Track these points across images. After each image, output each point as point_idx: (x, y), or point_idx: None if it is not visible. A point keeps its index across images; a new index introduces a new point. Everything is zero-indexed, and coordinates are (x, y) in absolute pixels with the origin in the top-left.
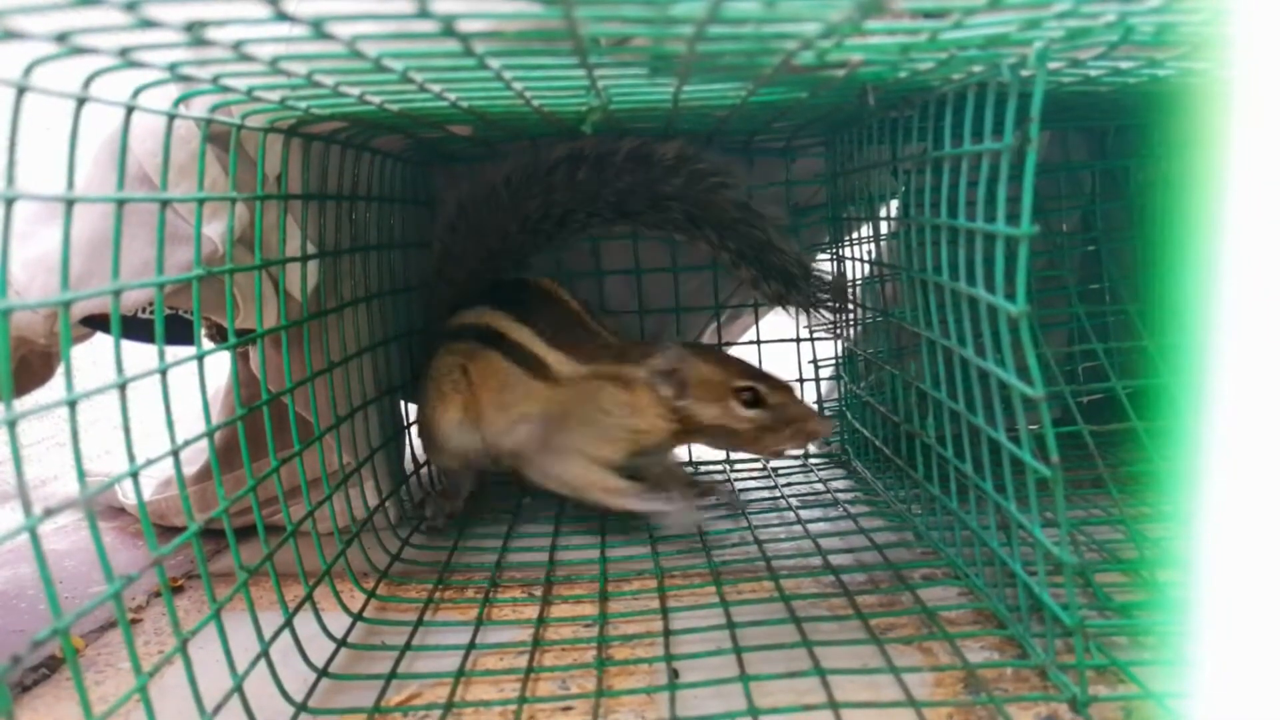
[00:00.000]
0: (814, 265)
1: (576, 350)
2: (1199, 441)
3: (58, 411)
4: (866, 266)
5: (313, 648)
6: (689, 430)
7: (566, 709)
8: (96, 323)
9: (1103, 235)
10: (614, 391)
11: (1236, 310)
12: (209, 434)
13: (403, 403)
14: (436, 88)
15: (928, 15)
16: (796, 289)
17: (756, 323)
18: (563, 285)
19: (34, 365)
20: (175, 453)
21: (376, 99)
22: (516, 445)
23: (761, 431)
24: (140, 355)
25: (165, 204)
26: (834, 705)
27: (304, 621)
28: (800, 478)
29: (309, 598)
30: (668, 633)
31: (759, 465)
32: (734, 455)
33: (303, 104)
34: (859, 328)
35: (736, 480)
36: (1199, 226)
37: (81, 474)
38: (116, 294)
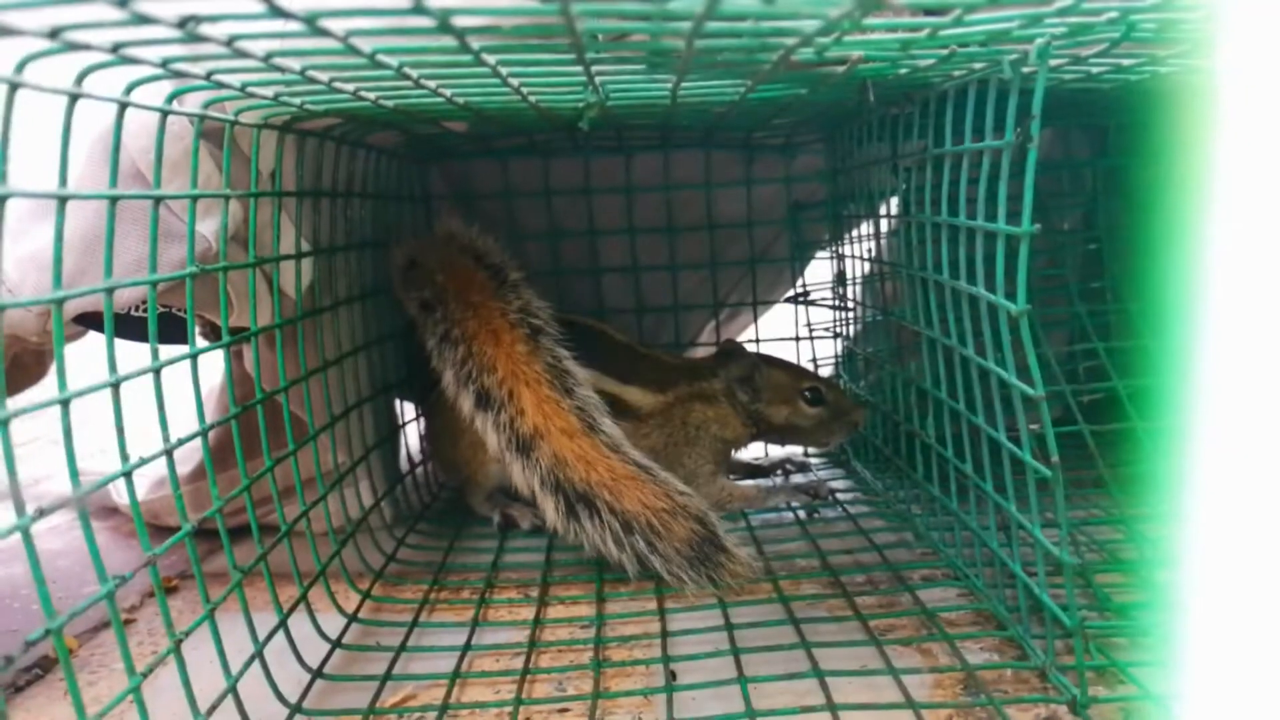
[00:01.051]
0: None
1: (649, 381)
2: (1194, 440)
3: (50, 410)
4: (866, 264)
5: (307, 648)
6: (760, 431)
7: (563, 710)
8: (90, 321)
9: (1104, 233)
10: (701, 409)
11: (1232, 308)
12: (203, 433)
13: (398, 401)
14: (432, 84)
15: (928, 11)
16: None
17: (755, 321)
18: (605, 320)
19: (27, 364)
20: (169, 452)
21: (371, 95)
22: None
23: (819, 425)
24: (133, 354)
25: (158, 201)
26: (833, 707)
27: (298, 622)
28: (799, 478)
29: (303, 598)
30: (665, 634)
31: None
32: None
33: (297, 100)
34: (859, 326)
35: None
36: (1197, 224)
37: (74, 473)
38: (109, 292)
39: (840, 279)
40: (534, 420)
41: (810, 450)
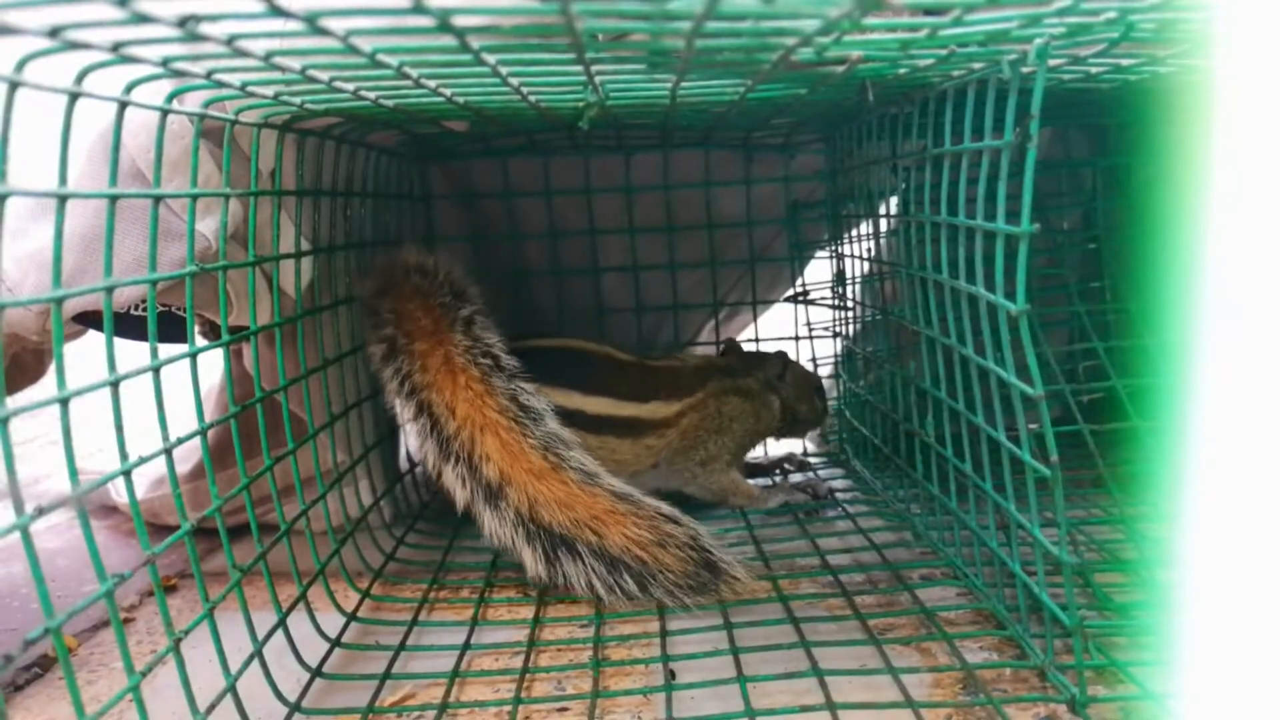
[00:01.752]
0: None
1: (669, 392)
2: (1193, 439)
3: (50, 409)
4: (866, 264)
5: (307, 647)
6: (782, 427)
7: (562, 710)
8: (89, 320)
9: (1103, 233)
10: (739, 402)
11: (1230, 306)
12: (202, 432)
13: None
14: (432, 83)
15: (928, 11)
16: None
17: (755, 320)
18: (590, 339)
19: (26, 363)
20: (168, 451)
21: (371, 94)
22: (658, 486)
23: (814, 419)
24: (133, 353)
25: (158, 200)
26: (832, 706)
27: (298, 621)
28: (798, 477)
29: (303, 597)
30: (664, 633)
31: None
32: None
33: (296, 99)
34: (858, 326)
35: None
36: (1196, 223)
37: (74, 472)
38: (109, 291)
39: (840, 278)
40: (500, 465)
41: (809, 449)
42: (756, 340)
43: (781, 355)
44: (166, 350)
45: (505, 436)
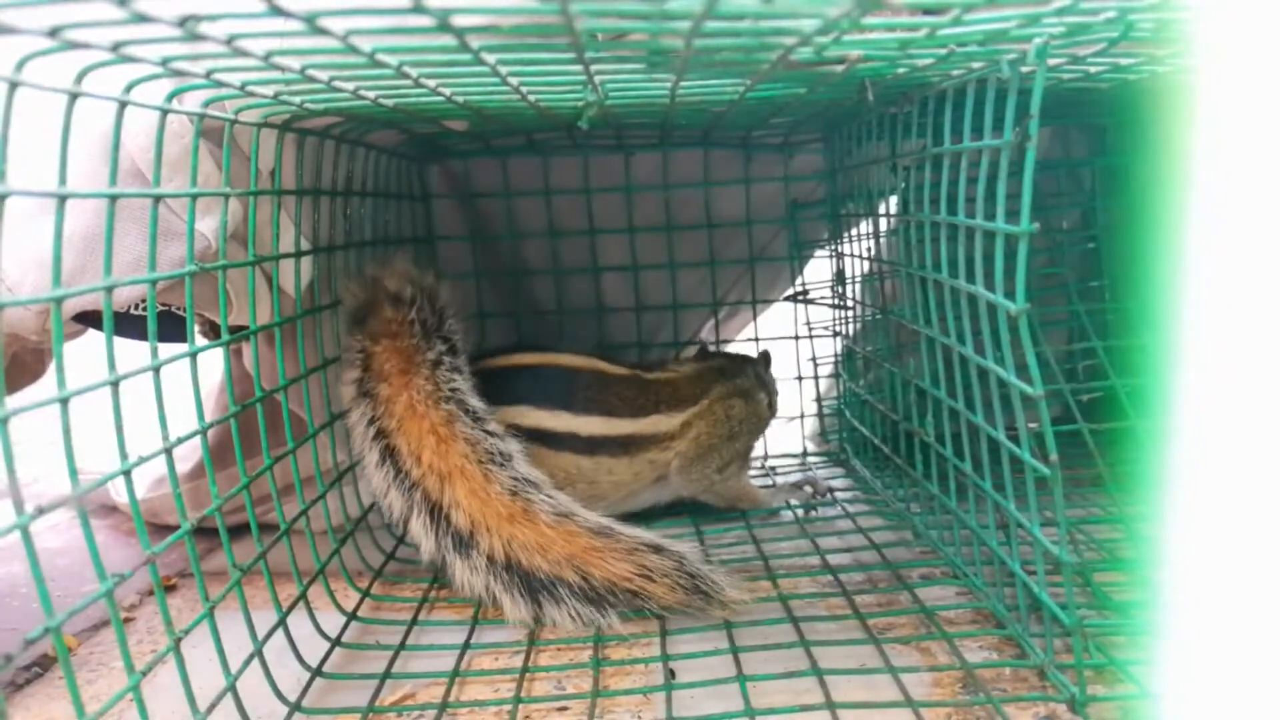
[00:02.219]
0: None
1: (669, 404)
2: (1192, 439)
3: (49, 408)
4: (866, 263)
5: (307, 647)
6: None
7: (562, 709)
8: (89, 319)
9: (1102, 232)
10: (742, 405)
11: (1229, 306)
12: (202, 432)
13: None
14: (431, 83)
15: (927, 11)
16: None
17: (755, 320)
18: (577, 353)
19: (26, 362)
20: (168, 450)
21: (371, 94)
22: (657, 500)
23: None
24: (133, 352)
25: (158, 199)
26: (831, 705)
27: (298, 620)
28: (798, 476)
29: (303, 597)
30: (664, 632)
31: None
32: None
33: (296, 99)
34: (858, 325)
35: None
36: (1195, 223)
37: (74, 472)
38: (109, 290)
39: (839, 278)
40: (470, 512)
41: (809, 449)
42: (756, 340)
43: (766, 354)
44: (166, 350)
45: (473, 483)
